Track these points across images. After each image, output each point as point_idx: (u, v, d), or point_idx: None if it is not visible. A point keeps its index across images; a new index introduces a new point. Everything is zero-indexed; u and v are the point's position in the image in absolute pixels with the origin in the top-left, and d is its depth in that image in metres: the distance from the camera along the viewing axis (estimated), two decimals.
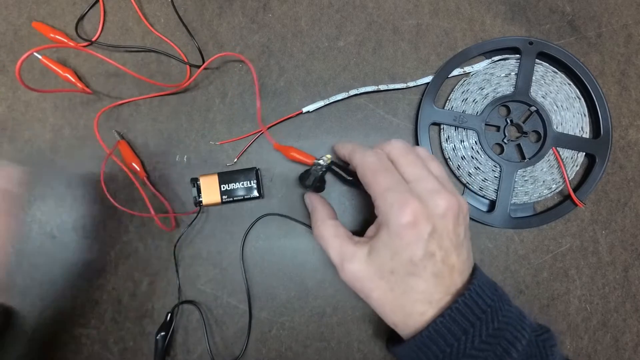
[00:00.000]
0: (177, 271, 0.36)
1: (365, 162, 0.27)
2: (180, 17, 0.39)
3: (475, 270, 0.27)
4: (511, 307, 0.26)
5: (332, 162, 0.35)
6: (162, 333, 0.34)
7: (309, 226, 0.36)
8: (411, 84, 0.38)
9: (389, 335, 0.32)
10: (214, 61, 0.38)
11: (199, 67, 0.36)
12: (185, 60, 0.38)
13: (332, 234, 0.29)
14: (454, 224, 0.26)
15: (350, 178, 0.35)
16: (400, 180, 0.26)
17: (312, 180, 0.35)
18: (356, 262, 0.27)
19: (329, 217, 0.31)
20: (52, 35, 0.38)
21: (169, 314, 0.35)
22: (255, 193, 0.35)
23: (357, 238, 0.28)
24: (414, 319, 0.25)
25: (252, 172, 0.35)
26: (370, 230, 0.28)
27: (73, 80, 0.37)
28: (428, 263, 0.25)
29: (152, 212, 0.35)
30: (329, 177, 0.37)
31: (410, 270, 0.25)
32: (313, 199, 0.33)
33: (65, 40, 0.38)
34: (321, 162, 0.34)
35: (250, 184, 0.35)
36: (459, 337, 0.24)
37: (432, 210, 0.25)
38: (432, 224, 0.25)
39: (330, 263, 0.28)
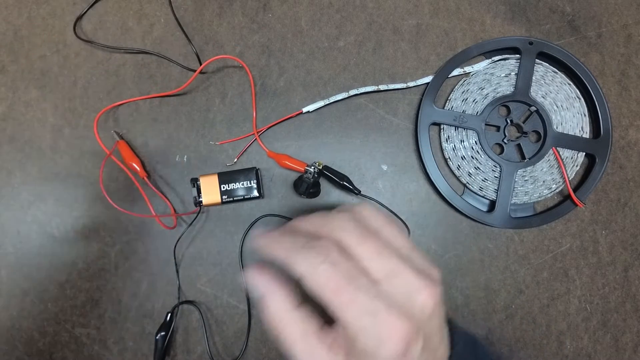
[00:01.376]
0: (177, 271, 0.36)
1: (318, 277, 0.20)
2: (178, 20, 0.39)
3: (452, 338, 0.23)
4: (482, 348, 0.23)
5: (323, 167, 0.35)
6: (162, 333, 0.34)
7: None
8: (411, 84, 0.38)
9: None
10: (214, 62, 0.38)
11: (196, 69, 0.36)
12: (183, 64, 0.38)
13: (298, 334, 0.21)
14: (439, 317, 0.21)
15: (344, 183, 0.35)
16: (372, 292, 0.20)
17: (304, 188, 0.35)
18: None
19: (291, 306, 0.22)
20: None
21: (169, 314, 0.35)
22: (255, 193, 0.35)
23: (329, 335, 0.21)
24: None
25: (252, 172, 0.35)
26: (338, 332, 0.21)
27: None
28: None
29: (153, 212, 0.36)
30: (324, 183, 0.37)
31: None
32: (259, 279, 0.22)
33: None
34: (311, 169, 0.34)
35: (250, 183, 0.35)
36: None
37: (419, 317, 0.20)
38: (423, 335, 0.20)
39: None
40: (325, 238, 0.21)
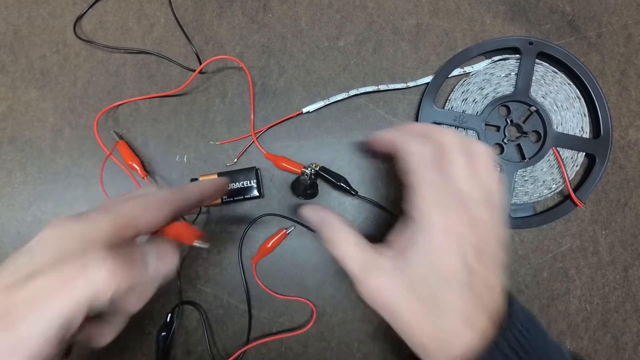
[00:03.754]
0: (177, 271, 0.36)
1: (414, 148, 0.24)
2: (178, 20, 0.39)
3: (512, 299, 0.24)
4: (551, 342, 0.23)
5: (320, 168, 0.35)
6: (163, 333, 0.34)
7: (309, 228, 0.36)
8: (411, 84, 0.38)
9: None
10: (214, 62, 0.38)
11: (196, 69, 0.36)
12: (183, 64, 0.38)
13: (350, 242, 0.25)
14: (495, 242, 0.23)
15: (340, 183, 0.35)
16: (449, 180, 0.23)
17: (302, 189, 0.35)
18: (384, 275, 0.23)
19: (342, 222, 0.26)
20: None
21: (170, 314, 0.35)
22: (255, 192, 0.35)
23: (378, 246, 0.24)
24: (452, 346, 0.21)
25: (252, 172, 0.35)
26: (394, 236, 0.24)
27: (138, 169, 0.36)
28: (468, 278, 0.21)
29: None
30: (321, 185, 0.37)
31: (449, 286, 0.21)
32: (315, 210, 0.27)
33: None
34: (308, 170, 0.34)
35: (250, 183, 0.35)
36: None
37: (476, 220, 0.22)
38: (475, 236, 0.22)
39: (349, 276, 0.25)
40: (432, 133, 0.25)
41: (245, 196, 0.35)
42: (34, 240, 0.21)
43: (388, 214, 0.37)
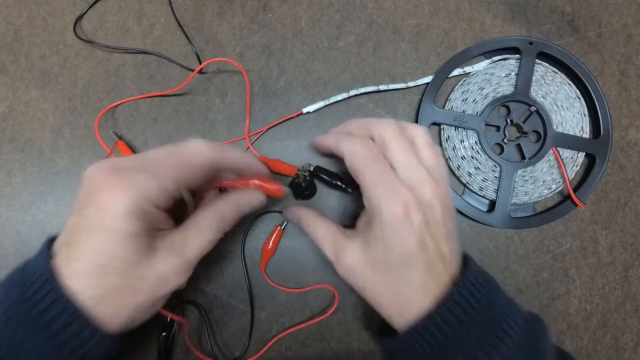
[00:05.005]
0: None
1: (354, 151, 0.27)
2: (178, 20, 0.39)
3: (467, 260, 0.27)
4: (503, 295, 0.26)
5: (315, 168, 0.35)
6: (164, 333, 0.34)
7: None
8: (411, 84, 0.38)
9: (380, 328, 0.32)
10: (214, 62, 0.38)
11: (197, 69, 0.36)
12: (183, 64, 0.38)
13: (324, 232, 0.29)
14: (442, 214, 0.25)
15: (335, 181, 0.35)
16: (389, 169, 0.26)
17: (299, 190, 0.35)
18: (350, 256, 0.27)
19: (317, 216, 0.31)
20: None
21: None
22: None
23: (349, 231, 0.29)
24: (410, 311, 0.25)
25: None
26: (361, 222, 0.28)
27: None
28: (421, 254, 0.24)
29: None
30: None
31: (405, 262, 0.25)
32: (292, 211, 0.33)
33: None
34: (302, 172, 0.34)
35: None
36: (455, 327, 0.24)
37: (421, 199, 0.25)
38: (422, 213, 0.25)
39: (327, 260, 0.28)
40: (368, 128, 0.28)
41: None
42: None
43: None
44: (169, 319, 0.35)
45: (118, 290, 0.23)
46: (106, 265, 0.22)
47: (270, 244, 0.36)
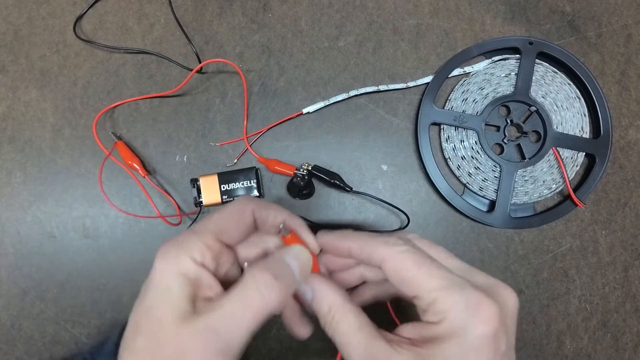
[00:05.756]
0: None
1: (400, 252, 0.21)
2: (178, 20, 0.39)
3: None
4: None
5: (313, 168, 0.35)
6: None
7: (311, 222, 0.36)
8: (411, 84, 0.38)
9: None
10: (214, 62, 0.38)
11: (198, 69, 0.36)
12: (183, 65, 0.38)
13: (354, 326, 0.20)
14: (515, 326, 0.21)
15: (334, 180, 0.35)
16: (455, 275, 0.20)
17: (297, 190, 0.35)
18: None
19: (345, 299, 0.22)
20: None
21: None
22: (256, 192, 0.35)
23: (389, 335, 0.21)
24: None
25: (252, 172, 0.35)
26: (409, 332, 0.21)
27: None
28: None
29: (158, 212, 0.36)
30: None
31: None
32: (312, 282, 0.23)
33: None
34: (300, 171, 0.34)
35: (250, 183, 0.35)
36: None
37: (504, 310, 0.20)
38: (507, 330, 0.19)
39: None
40: (395, 237, 0.22)
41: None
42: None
43: (388, 210, 0.37)
44: None
45: None
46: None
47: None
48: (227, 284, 0.21)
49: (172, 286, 0.20)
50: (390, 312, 0.32)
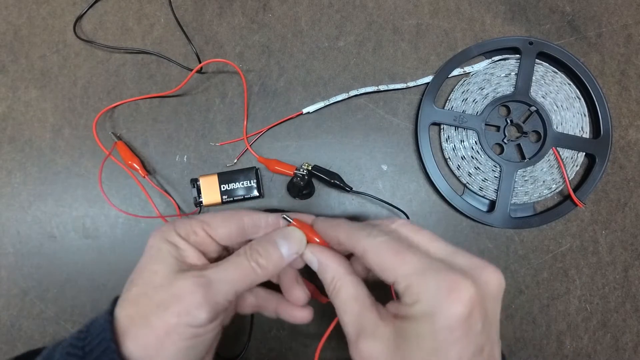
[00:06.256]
0: None
1: (379, 242, 0.22)
2: (178, 20, 0.39)
3: None
4: None
5: (313, 167, 0.35)
6: None
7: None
8: (411, 84, 0.38)
9: None
10: (214, 62, 0.38)
11: (198, 69, 0.36)
12: (183, 65, 0.38)
13: (351, 295, 0.22)
14: (499, 306, 0.21)
15: (334, 180, 0.35)
16: (432, 259, 0.21)
17: (297, 190, 0.35)
18: (377, 342, 0.21)
19: (346, 270, 0.24)
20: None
21: None
22: (256, 192, 0.35)
23: (381, 308, 0.22)
24: None
25: (252, 172, 0.35)
26: (393, 308, 0.22)
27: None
28: None
29: (158, 212, 0.36)
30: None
31: None
32: (318, 253, 0.25)
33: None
34: (300, 171, 0.34)
35: (250, 183, 0.35)
36: None
37: (484, 290, 0.20)
38: (485, 310, 0.20)
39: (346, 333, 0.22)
40: (380, 225, 0.24)
41: (246, 196, 0.35)
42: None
43: (388, 210, 0.37)
44: None
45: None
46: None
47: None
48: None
49: (163, 249, 0.24)
50: (391, 289, 0.32)
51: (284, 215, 0.27)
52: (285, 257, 0.25)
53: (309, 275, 0.32)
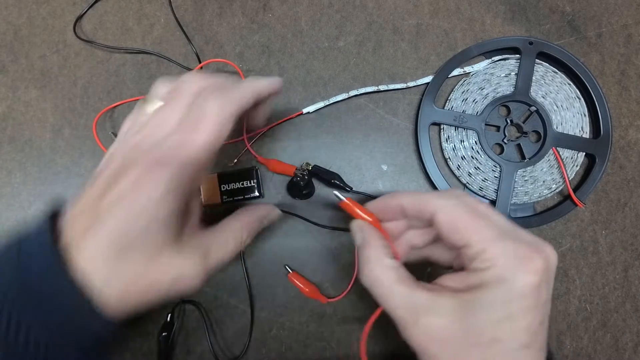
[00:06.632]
0: None
1: (454, 204, 0.22)
2: (178, 20, 0.39)
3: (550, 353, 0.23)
4: None
5: (313, 167, 0.35)
6: (165, 333, 0.34)
7: (312, 222, 0.36)
8: (411, 84, 0.38)
9: None
10: (214, 62, 0.38)
11: (198, 69, 0.36)
12: (183, 65, 0.38)
13: (393, 279, 0.22)
14: (552, 283, 0.22)
15: (334, 180, 0.35)
16: (503, 228, 0.22)
17: (297, 190, 0.35)
18: (439, 317, 0.20)
19: (386, 254, 0.23)
20: None
21: (170, 314, 0.35)
22: (256, 192, 0.35)
23: (429, 285, 0.22)
24: None
25: (252, 172, 0.35)
26: (452, 281, 0.22)
27: None
28: (540, 332, 0.20)
29: None
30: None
31: (525, 342, 0.20)
32: (365, 230, 0.25)
33: None
34: (300, 171, 0.34)
35: (251, 183, 0.35)
36: None
37: (549, 266, 0.21)
38: (549, 284, 0.21)
39: (393, 319, 0.22)
40: (446, 192, 0.24)
41: (246, 196, 0.35)
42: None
43: None
44: (168, 319, 0.35)
45: (132, 279, 0.20)
46: (130, 249, 0.19)
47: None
48: None
49: (166, 214, 0.21)
50: None
51: (335, 192, 0.26)
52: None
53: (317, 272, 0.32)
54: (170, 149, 0.21)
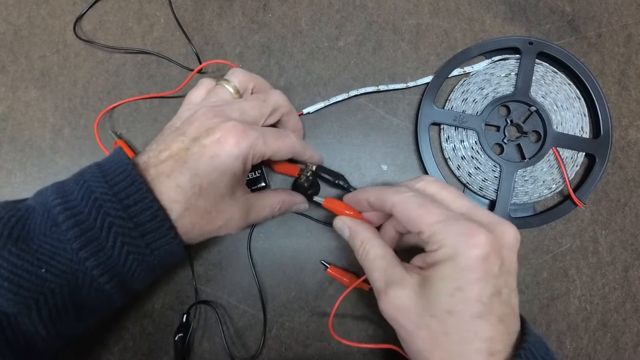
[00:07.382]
0: (192, 270, 0.36)
1: (406, 197, 0.25)
2: (178, 20, 0.39)
3: (523, 318, 0.24)
4: None
5: (317, 168, 0.35)
6: (181, 334, 0.34)
7: (313, 219, 0.36)
8: (411, 84, 0.38)
9: None
10: (213, 63, 0.38)
11: (195, 70, 0.36)
12: (183, 65, 0.38)
13: (378, 255, 0.26)
14: (516, 258, 0.24)
15: (337, 181, 0.35)
16: (453, 212, 0.24)
17: (302, 191, 0.35)
18: (404, 289, 0.24)
19: (373, 234, 0.28)
20: None
21: (185, 315, 0.34)
22: (262, 183, 0.35)
23: (407, 264, 0.26)
24: None
25: (257, 165, 0.35)
26: (418, 261, 0.26)
27: None
28: (495, 303, 0.22)
29: None
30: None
31: (477, 311, 0.21)
32: (347, 222, 0.30)
33: None
34: (305, 172, 0.34)
35: (256, 174, 0.36)
36: None
37: (501, 240, 0.23)
38: (501, 257, 0.22)
39: (372, 287, 0.26)
40: (408, 184, 0.27)
41: (252, 187, 0.35)
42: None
43: None
44: (184, 319, 0.34)
45: (201, 213, 0.25)
46: (205, 188, 0.24)
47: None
48: None
49: (236, 171, 0.26)
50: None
51: (315, 198, 0.32)
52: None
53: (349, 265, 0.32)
54: (255, 130, 0.26)
